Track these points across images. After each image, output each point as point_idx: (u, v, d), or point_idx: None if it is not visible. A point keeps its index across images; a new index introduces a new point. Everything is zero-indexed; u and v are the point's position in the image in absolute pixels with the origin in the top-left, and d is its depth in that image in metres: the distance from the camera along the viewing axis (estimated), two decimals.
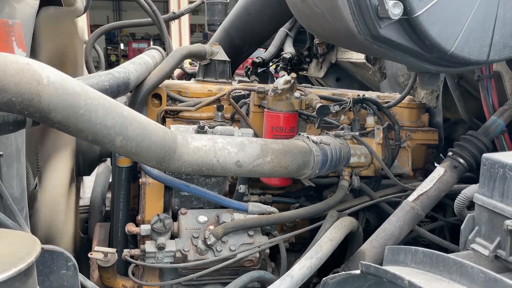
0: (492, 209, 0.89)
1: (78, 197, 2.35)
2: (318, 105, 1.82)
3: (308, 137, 1.67)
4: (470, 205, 1.14)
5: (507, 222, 0.84)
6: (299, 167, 1.60)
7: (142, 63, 1.78)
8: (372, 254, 1.54)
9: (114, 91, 1.44)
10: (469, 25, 1.06)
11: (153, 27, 2.65)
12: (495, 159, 0.89)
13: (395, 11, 1.00)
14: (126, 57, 23.36)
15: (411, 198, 1.58)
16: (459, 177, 1.62)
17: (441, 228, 2.08)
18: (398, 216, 1.56)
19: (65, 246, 1.89)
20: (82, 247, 2.48)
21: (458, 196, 1.19)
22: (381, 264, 1.51)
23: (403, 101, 2.25)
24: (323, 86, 3.57)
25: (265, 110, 1.88)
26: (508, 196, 0.86)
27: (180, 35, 22.81)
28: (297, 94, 1.85)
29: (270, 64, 3.26)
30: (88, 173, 2.33)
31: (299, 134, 1.72)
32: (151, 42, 27.32)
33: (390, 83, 2.69)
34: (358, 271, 1.01)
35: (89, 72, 2.76)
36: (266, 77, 3.25)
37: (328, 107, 1.83)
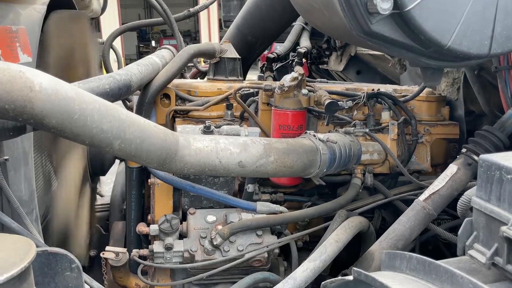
0: (489, 213, 0.84)
1: (93, 196, 2.39)
2: (327, 101, 1.77)
3: (314, 135, 1.63)
4: None
5: (503, 228, 0.79)
6: (305, 166, 1.57)
7: (148, 64, 1.79)
8: (382, 255, 1.49)
9: (115, 94, 1.44)
10: (467, 17, 0.99)
11: (183, 23, 2.65)
12: (491, 160, 0.83)
13: (385, 5, 0.95)
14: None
15: (422, 197, 1.52)
16: (474, 174, 1.54)
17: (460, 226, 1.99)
18: (409, 216, 1.50)
19: (78, 245, 1.93)
20: (103, 244, 2.53)
21: (461, 198, 1.12)
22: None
23: (421, 94, 2.16)
24: (343, 79, 3.49)
25: (272, 108, 1.85)
26: (505, 201, 0.80)
27: (209, 30, 22.92)
28: (304, 91, 1.81)
29: (290, 57, 3.21)
30: (103, 173, 2.37)
31: (305, 132, 1.68)
32: (181, 39, 27.61)
33: (410, 75, 2.59)
34: (351, 277, 0.97)
35: (107, 72, 2.80)
36: (285, 72, 3.20)
37: (337, 103, 1.77)
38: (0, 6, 1.40)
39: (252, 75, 3.38)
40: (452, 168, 1.52)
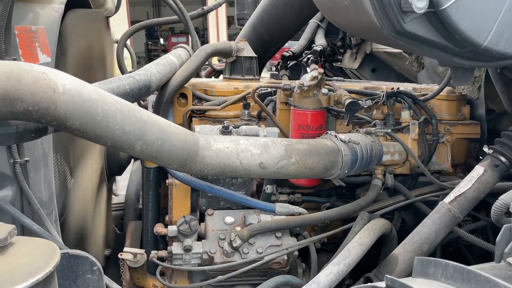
0: None
1: (110, 196, 2.38)
2: (348, 101, 1.74)
3: (336, 136, 1.60)
4: None
5: None
6: (327, 167, 1.54)
7: (166, 64, 1.77)
8: (406, 259, 1.46)
9: (135, 94, 1.42)
10: (504, 16, 0.95)
11: (193, 21, 2.63)
12: None
13: (420, 4, 0.91)
14: (166, 51, 23.76)
15: (447, 199, 1.48)
16: (501, 176, 1.50)
17: (483, 228, 1.96)
18: (434, 219, 1.47)
19: (95, 245, 1.92)
20: (118, 244, 2.53)
21: (495, 202, 1.09)
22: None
23: (441, 93, 2.12)
24: (358, 77, 3.45)
25: (291, 107, 1.82)
26: None
27: (217, 28, 22.90)
28: (324, 90, 1.78)
29: (303, 56, 3.17)
30: (120, 173, 2.36)
31: (327, 132, 1.65)
32: (190, 37, 27.63)
33: (428, 73, 2.55)
34: (383, 284, 0.94)
35: (122, 71, 2.79)
36: (298, 70, 3.17)
37: (358, 103, 1.74)
38: (19, 5, 1.38)
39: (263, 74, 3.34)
40: (478, 170, 1.49)
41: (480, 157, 2.27)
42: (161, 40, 26.94)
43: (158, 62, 1.75)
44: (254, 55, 2.17)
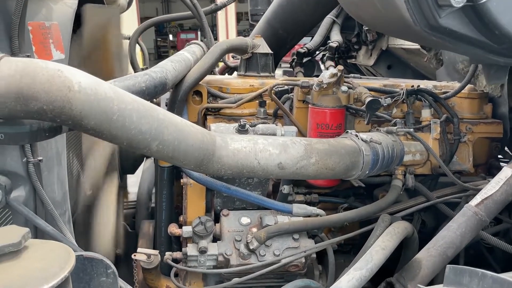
0: None
1: (122, 195, 2.35)
2: (368, 99, 1.68)
3: (356, 135, 1.55)
4: None
5: None
6: (347, 168, 1.49)
7: (181, 60, 1.73)
8: (430, 263, 1.40)
9: (151, 92, 1.38)
10: None
11: None
12: None
13: None
14: (175, 48, 23.77)
15: (473, 202, 1.42)
16: None
17: (506, 230, 1.89)
18: (459, 223, 1.41)
19: (104, 245, 1.89)
20: (130, 242, 2.50)
21: None
22: (437, 278, 1.38)
23: (463, 91, 2.06)
24: (373, 74, 3.38)
25: (309, 106, 1.77)
26: None
27: (226, 24, 22.85)
28: (344, 88, 1.72)
29: (317, 53, 3.11)
30: (132, 172, 2.33)
31: (347, 132, 1.59)
32: (199, 33, 27.67)
33: (447, 70, 2.48)
34: None
35: (134, 68, 2.76)
36: (312, 67, 3.12)
37: (378, 101, 1.69)
38: (33, 1, 1.34)
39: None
40: (506, 172, 1.42)
41: (500, 157, 2.20)
42: (170, 37, 26.94)
43: (173, 59, 1.71)
44: (270, 51, 2.11)
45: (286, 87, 1.91)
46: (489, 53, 1.00)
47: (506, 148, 2.26)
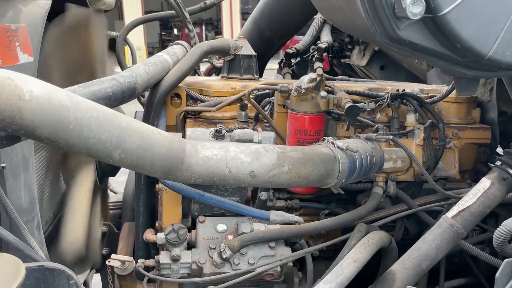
0: None
1: (104, 198, 2.33)
2: (348, 104, 1.64)
3: (333, 143, 1.51)
4: None
5: None
6: (322, 176, 1.45)
7: (157, 63, 1.69)
8: (404, 276, 1.37)
9: (118, 98, 1.35)
10: None
11: (206, 11, 2.56)
12: None
13: (415, 9, 0.81)
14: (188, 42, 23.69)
15: (450, 213, 1.38)
16: (509, 190, 1.39)
17: (490, 240, 1.85)
18: (435, 235, 1.37)
19: (93, 251, 1.87)
20: (115, 243, 2.48)
21: (497, 229, 0.99)
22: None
23: (450, 95, 2.00)
24: (366, 74, 3.33)
25: (288, 111, 1.73)
26: None
27: (231, 19, 22.76)
28: (323, 93, 1.68)
29: (311, 51, 3.06)
30: (112, 174, 2.31)
31: (324, 139, 1.55)
32: (203, 27, 27.59)
33: (438, 72, 2.43)
34: None
35: (121, 67, 2.73)
36: (305, 67, 3.07)
37: (358, 107, 1.64)
38: None
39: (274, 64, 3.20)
40: (484, 183, 1.38)
41: (489, 163, 2.15)
42: (175, 31, 26.90)
43: (148, 61, 1.67)
44: (253, 53, 2.07)
45: (267, 90, 1.87)
46: (454, 65, 0.95)
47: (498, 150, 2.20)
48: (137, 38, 20.39)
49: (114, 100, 1.33)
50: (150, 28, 22.68)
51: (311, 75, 1.65)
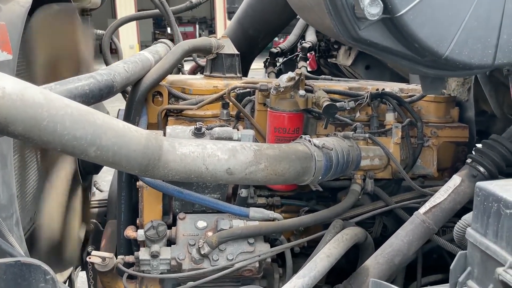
0: (485, 250, 0.74)
1: (86, 196, 2.34)
2: (326, 103, 1.66)
3: (309, 141, 1.54)
4: None
5: (499, 270, 0.69)
6: (298, 174, 1.48)
7: (138, 61, 1.70)
8: (377, 271, 1.40)
9: (96, 96, 1.36)
10: (468, 24, 0.87)
11: (199, 10, 2.57)
12: (489, 190, 0.73)
13: (373, 10, 0.84)
14: (173, 40, 23.65)
15: (422, 210, 1.41)
16: None
17: None
18: (407, 230, 1.40)
19: (70, 250, 1.88)
20: (100, 241, 2.49)
21: (457, 223, 1.02)
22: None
23: (429, 95, 2.04)
24: (352, 74, 3.36)
25: (268, 109, 1.76)
26: (503, 238, 0.70)
27: (225, 17, 22.74)
28: (302, 92, 1.70)
29: (298, 51, 3.09)
30: (95, 172, 2.32)
31: (300, 137, 1.58)
32: (197, 26, 27.54)
33: None
34: None
35: (107, 65, 2.74)
36: (292, 66, 3.09)
37: (335, 106, 1.67)
38: None
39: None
40: (455, 180, 1.41)
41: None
42: (169, 30, 26.77)
43: (128, 59, 1.68)
44: (236, 52, 2.09)
45: (248, 89, 1.89)
46: (416, 64, 0.98)
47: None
48: (131, 36, 20.35)
49: (92, 98, 1.35)
50: (143, 26, 22.62)
51: (290, 74, 1.68)
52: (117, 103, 2.41)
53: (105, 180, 3.40)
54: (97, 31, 2.75)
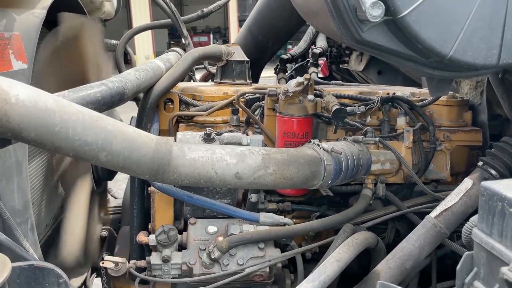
0: (490, 250, 0.73)
1: (101, 203, 2.37)
2: (335, 107, 1.67)
3: (318, 145, 1.54)
4: None
5: (504, 269, 0.68)
6: (307, 178, 1.48)
7: (149, 69, 1.73)
8: (388, 276, 1.38)
9: (107, 103, 1.39)
10: (471, 24, 0.87)
11: (213, 20, 2.61)
12: (493, 189, 0.72)
13: (375, 12, 0.84)
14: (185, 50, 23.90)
15: (433, 214, 1.40)
16: None
17: None
18: (418, 234, 1.39)
19: (71, 251, 1.91)
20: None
21: (465, 224, 1.01)
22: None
23: (442, 98, 2.02)
24: (364, 79, 3.35)
25: (277, 114, 1.76)
26: (507, 237, 0.70)
27: (238, 29, 22.89)
28: (310, 96, 1.71)
29: (309, 57, 3.09)
30: (109, 178, 2.35)
31: (309, 141, 1.58)
32: (211, 35, 27.82)
33: None
34: None
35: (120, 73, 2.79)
36: (303, 72, 3.10)
37: (345, 110, 1.67)
38: None
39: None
40: (467, 183, 1.40)
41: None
42: (183, 40, 27.07)
43: (140, 67, 1.72)
44: (246, 59, 2.11)
45: (257, 95, 1.90)
46: (421, 66, 0.98)
47: None
48: (146, 46, 20.67)
49: (103, 105, 1.38)
50: (158, 36, 22.95)
51: (299, 79, 1.69)
52: (133, 113, 2.45)
53: (120, 188, 3.44)
54: (111, 41, 2.81)
